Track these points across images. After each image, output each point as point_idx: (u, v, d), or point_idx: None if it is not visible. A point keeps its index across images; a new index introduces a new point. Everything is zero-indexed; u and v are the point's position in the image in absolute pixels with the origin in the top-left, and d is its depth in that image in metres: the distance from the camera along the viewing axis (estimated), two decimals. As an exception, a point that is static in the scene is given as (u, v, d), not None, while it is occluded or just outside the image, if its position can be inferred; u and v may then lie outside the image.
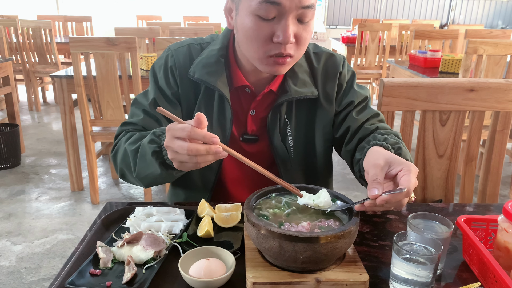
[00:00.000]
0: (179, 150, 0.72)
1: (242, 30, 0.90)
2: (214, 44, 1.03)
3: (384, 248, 0.85)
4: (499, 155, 1.29)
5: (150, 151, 0.85)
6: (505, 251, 0.73)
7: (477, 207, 1.10)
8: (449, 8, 8.09)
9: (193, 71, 1.00)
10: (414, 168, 0.76)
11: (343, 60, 1.10)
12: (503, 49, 2.51)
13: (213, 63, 0.99)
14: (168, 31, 3.74)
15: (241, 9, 0.89)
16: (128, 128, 1.03)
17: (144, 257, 0.75)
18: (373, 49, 4.65)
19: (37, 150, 3.66)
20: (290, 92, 1.00)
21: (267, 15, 0.84)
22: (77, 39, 2.39)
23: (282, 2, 0.82)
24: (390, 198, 0.71)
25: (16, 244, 2.27)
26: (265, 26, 0.86)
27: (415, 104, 1.24)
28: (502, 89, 1.22)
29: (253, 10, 0.85)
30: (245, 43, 0.91)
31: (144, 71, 2.79)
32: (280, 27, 0.85)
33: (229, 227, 0.88)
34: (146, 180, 0.93)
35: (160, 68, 1.05)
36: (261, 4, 0.83)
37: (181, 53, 1.04)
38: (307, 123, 1.07)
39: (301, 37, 0.89)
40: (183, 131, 0.71)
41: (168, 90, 1.03)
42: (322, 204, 0.77)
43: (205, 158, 0.73)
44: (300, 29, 0.88)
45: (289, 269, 0.71)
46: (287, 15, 0.84)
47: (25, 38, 4.43)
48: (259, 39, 0.87)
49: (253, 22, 0.86)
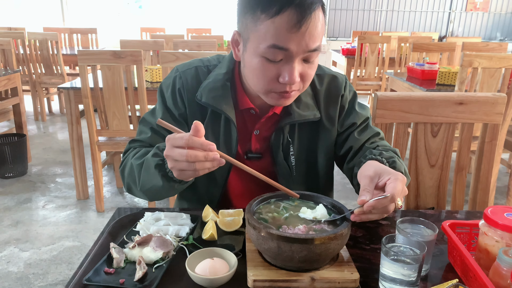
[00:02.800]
0: (179, 158, 0.76)
1: (249, 68, 0.94)
2: (221, 68, 1.07)
3: (376, 251, 0.91)
4: (488, 165, 1.35)
5: (153, 164, 0.89)
6: (485, 252, 0.80)
7: (467, 214, 1.17)
8: (448, 20, 8.21)
9: (200, 95, 1.03)
10: (401, 176, 0.82)
11: (345, 81, 1.14)
12: (498, 62, 2.59)
13: (219, 87, 1.03)
14: (172, 43, 3.84)
15: (249, 48, 0.92)
16: (135, 145, 1.08)
17: (154, 257, 0.82)
18: (373, 61, 4.74)
19: (43, 159, 3.74)
20: (293, 115, 1.04)
21: (274, 58, 0.88)
22: (85, 52, 2.48)
23: (289, 48, 0.86)
24: (376, 204, 0.78)
25: (24, 251, 2.33)
26: (271, 67, 0.89)
27: (408, 116, 1.31)
28: (489, 102, 1.29)
29: (260, 52, 0.88)
30: (251, 79, 0.96)
31: (149, 83, 2.88)
32: (286, 69, 0.89)
33: (232, 231, 0.95)
34: (150, 192, 0.97)
35: (168, 88, 1.08)
36: (268, 48, 0.86)
37: (188, 75, 1.07)
38: (310, 144, 1.11)
39: (306, 74, 0.93)
40: (182, 140, 0.76)
41: (175, 110, 1.07)
42: (319, 217, 0.83)
43: (203, 164, 0.77)
44: (305, 67, 0.92)
45: (286, 268, 0.78)
46: (293, 58, 0.88)
47: (32, 50, 4.54)
48: (265, 78, 0.91)
49: (260, 63, 0.90)
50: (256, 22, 0.87)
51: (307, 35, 0.86)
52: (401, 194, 0.81)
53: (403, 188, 0.81)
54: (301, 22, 0.84)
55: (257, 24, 0.87)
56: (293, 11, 0.84)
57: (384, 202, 0.78)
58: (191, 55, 2.57)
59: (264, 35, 0.86)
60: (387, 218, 1.08)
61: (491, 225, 0.78)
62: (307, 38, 0.86)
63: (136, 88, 2.58)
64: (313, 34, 0.86)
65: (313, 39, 0.87)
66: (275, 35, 0.85)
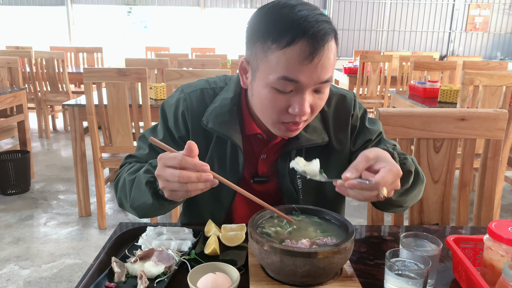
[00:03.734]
0: (170, 178, 0.74)
1: (257, 97, 0.91)
2: (227, 91, 1.03)
3: (379, 266, 0.90)
4: (492, 181, 1.35)
5: (144, 181, 0.87)
6: (491, 267, 0.79)
7: (472, 229, 1.16)
8: (448, 40, 8.30)
9: (206, 120, 1.00)
10: (396, 168, 0.79)
11: (353, 99, 1.09)
12: (498, 80, 2.60)
13: (226, 113, 0.99)
14: (176, 62, 3.89)
15: (258, 78, 0.89)
16: (131, 160, 1.07)
17: (156, 272, 0.81)
18: (375, 80, 4.77)
19: (46, 176, 3.75)
20: (301, 139, 1.01)
21: (284, 89, 0.85)
22: (90, 69, 2.51)
23: (300, 80, 0.83)
24: (356, 185, 0.76)
25: (24, 268, 2.31)
26: (281, 98, 0.87)
27: (410, 132, 1.31)
28: (491, 118, 1.30)
29: (270, 83, 0.85)
30: (259, 108, 0.93)
31: (153, 100, 2.90)
32: (296, 100, 0.86)
33: (234, 246, 0.94)
34: (139, 210, 0.95)
35: (170, 108, 1.05)
36: (279, 80, 0.84)
37: (194, 97, 1.04)
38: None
39: (316, 105, 0.90)
40: (174, 160, 0.73)
41: (176, 132, 1.04)
42: (309, 172, 0.82)
43: (196, 186, 0.75)
44: (316, 98, 0.89)
45: (289, 283, 0.77)
46: (304, 90, 0.85)
47: (38, 68, 4.60)
48: (275, 109, 0.88)
49: (270, 93, 0.87)
50: (266, 52, 0.84)
51: (319, 67, 0.83)
52: (390, 186, 0.79)
53: (393, 180, 0.78)
54: (313, 54, 0.81)
55: (268, 55, 0.84)
56: (305, 42, 0.81)
57: (364, 187, 0.77)
58: (196, 73, 2.59)
59: (274, 66, 0.83)
60: (390, 233, 1.07)
61: (496, 239, 0.77)
62: (319, 70, 0.83)
63: (140, 105, 2.60)
64: (326, 65, 0.84)
65: (325, 70, 0.84)
66: (286, 67, 0.82)
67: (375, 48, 8.25)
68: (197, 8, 8.14)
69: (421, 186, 1.00)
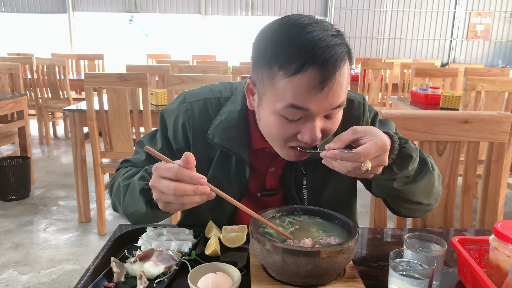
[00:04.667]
0: (165, 190, 0.71)
1: (264, 123, 0.85)
2: (234, 102, 0.97)
3: (383, 268, 0.89)
4: (496, 185, 1.33)
5: (138, 188, 0.84)
6: (497, 268, 0.77)
7: (476, 232, 1.14)
8: (449, 48, 8.33)
9: (212, 135, 0.95)
10: (382, 142, 0.76)
11: (362, 103, 1.03)
12: (501, 86, 2.60)
13: (234, 128, 0.94)
14: (177, 69, 3.90)
15: (264, 104, 0.83)
16: (127, 165, 1.04)
17: (155, 272, 0.80)
18: (376, 87, 4.77)
19: (46, 182, 3.73)
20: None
21: (292, 117, 0.80)
22: (91, 74, 2.51)
23: (310, 108, 0.77)
24: (337, 154, 0.75)
25: (23, 274, 2.29)
26: (290, 126, 0.81)
27: (413, 134, 1.30)
28: (495, 121, 1.29)
29: (277, 111, 0.80)
30: (267, 134, 0.88)
31: (154, 106, 2.90)
32: (306, 128, 0.80)
33: (235, 247, 0.93)
34: (132, 217, 0.93)
35: (171, 117, 1.00)
36: (286, 108, 0.78)
37: (196, 108, 0.98)
38: (325, 177, 1.03)
39: (328, 130, 0.84)
40: (170, 171, 0.70)
41: (174, 144, 1.00)
42: None
43: (191, 199, 0.72)
44: (327, 123, 0.83)
45: (291, 283, 0.75)
46: (314, 117, 0.79)
47: (39, 75, 4.61)
48: (284, 136, 0.83)
49: (277, 121, 0.81)
50: (273, 78, 0.78)
51: (330, 95, 0.76)
52: (375, 161, 0.76)
53: (378, 154, 0.76)
54: (323, 83, 0.74)
55: (274, 82, 0.78)
56: (315, 70, 0.74)
57: (345, 157, 0.75)
58: (197, 79, 2.59)
59: (281, 94, 0.77)
60: (394, 235, 1.06)
61: (502, 239, 0.76)
62: (329, 99, 0.77)
63: (141, 111, 2.59)
64: (337, 92, 0.77)
65: (337, 97, 0.78)
66: (294, 95, 0.76)
67: (376, 55, 8.28)
68: (198, 15, 8.19)
69: (431, 177, 0.93)
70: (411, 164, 0.85)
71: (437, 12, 8.22)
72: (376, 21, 8.20)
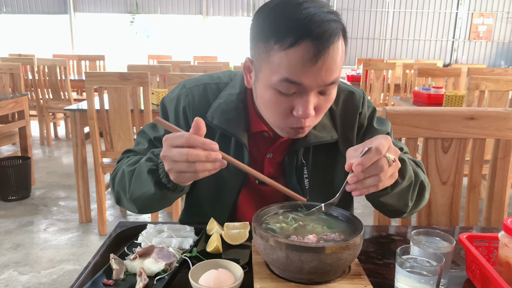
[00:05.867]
0: (178, 157, 0.70)
1: (261, 99, 0.88)
2: (233, 87, 1.00)
3: (389, 266, 0.86)
4: (502, 183, 1.31)
5: (146, 169, 0.83)
6: (507, 266, 0.75)
7: (483, 230, 1.12)
8: (452, 48, 8.30)
9: (211, 117, 0.96)
10: (381, 136, 0.76)
11: (362, 97, 1.05)
12: (505, 85, 2.58)
13: (233, 110, 0.96)
14: (178, 69, 3.88)
15: (260, 79, 0.85)
16: (129, 155, 1.03)
17: (156, 269, 0.78)
18: (378, 87, 4.75)
19: (47, 182, 3.72)
20: (309, 137, 0.97)
21: (287, 91, 0.81)
22: (92, 73, 2.50)
23: (303, 83, 0.79)
24: (363, 161, 0.71)
25: (23, 274, 2.27)
26: (284, 101, 0.83)
27: (418, 131, 1.28)
28: (501, 117, 1.27)
29: (273, 84, 0.82)
30: (264, 110, 0.90)
31: (155, 105, 2.88)
32: (300, 103, 0.82)
33: (237, 245, 0.91)
34: (139, 201, 0.90)
35: (171, 104, 1.02)
36: (281, 82, 0.80)
37: (196, 93, 1.00)
38: (326, 166, 1.03)
39: (321, 107, 0.86)
40: (181, 138, 0.70)
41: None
42: None
43: (204, 165, 0.71)
44: (321, 100, 0.85)
45: (295, 280, 0.73)
46: (308, 92, 0.81)
47: (40, 75, 4.61)
48: (279, 112, 0.85)
49: (272, 95, 0.83)
50: (268, 52, 0.80)
51: (323, 69, 0.78)
52: (390, 150, 0.74)
53: (387, 143, 0.74)
54: (317, 56, 0.76)
55: (270, 55, 0.80)
56: (309, 44, 0.76)
57: (371, 157, 0.71)
58: (197, 77, 2.57)
59: (276, 68, 0.79)
60: (399, 233, 1.04)
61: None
62: (323, 73, 0.78)
63: (142, 110, 2.58)
64: (331, 68, 0.79)
65: (330, 72, 0.79)
66: (288, 69, 0.78)
67: (378, 56, 8.26)
68: (199, 16, 8.18)
69: (423, 191, 0.97)
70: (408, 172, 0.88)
71: (439, 12, 8.20)
72: (378, 22, 8.19)
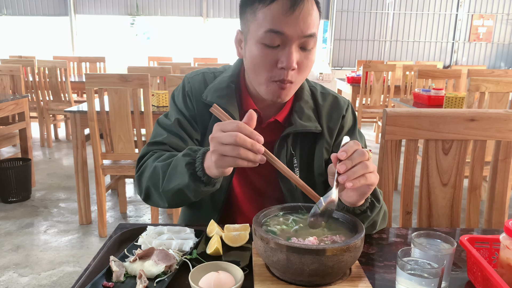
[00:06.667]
0: (226, 139, 0.75)
1: (250, 57, 0.98)
2: (226, 72, 1.12)
3: (390, 268, 0.86)
4: (503, 184, 1.31)
5: (183, 163, 0.89)
6: (508, 268, 0.75)
7: (484, 232, 1.12)
8: (452, 50, 8.30)
9: (205, 95, 1.08)
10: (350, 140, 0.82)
11: (348, 104, 1.16)
12: (505, 87, 2.58)
13: (224, 88, 1.07)
14: (179, 71, 3.88)
15: (249, 39, 0.97)
16: (154, 148, 1.08)
17: (156, 271, 0.78)
18: (378, 89, 4.75)
19: (47, 184, 3.72)
20: (295, 124, 1.06)
21: (272, 43, 0.93)
22: (93, 75, 2.50)
23: (285, 32, 0.91)
24: (346, 148, 0.77)
25: (23, 276, 2.27)
26: (270, 53, 0.94)
27: (418, 133, 1.28)
28: (502, 119, 1.26)
29: (259, 39, 0.93)
30: (252, 69, 0.99)
31: (155, 107, 2.88)
32: (284, 54, 0.93)
33: (237, 246, 0.90)
34: (171, 193, 0.95)
35: (178, 93, 1.14)
36: (266, 33, 0.92)
37: (196, 80, 1.13)
38: (309, 156, 1.11)
39: (303, 64, 0.96)
40: (233, 124, 0.76)
41: (187, 112, 1.10)
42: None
43: (246, 153, 0.75)
44: (302, 56, 0.95)
45: (296, 283, 0.73)
46: (290, 43, 0.92)
47: (41, 77, 4.61)
48: (265, 64, 0.95)
49: (259, 49, 0.94)
50: (254, 12, 0.94)
51: (301, 19, 0.91)
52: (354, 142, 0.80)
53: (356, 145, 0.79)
54: (294, 7, 0.90)
55: (256, 15, 0.93)
56: None
57: (352, 145, 0.78)
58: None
59: (261, 22, 0.92)
60: (400, 235, 1.03)
61: (514, 237, 0.73)
62: (301, 23, 0.91)
63: (142, 112, 2.58)
64: (307, 19, 0.91)
65: (307, 24, 0.92)
66: (271, 20, 0.91)
67: (378, 58, 8.25)
68: (199, 18, 8.19)
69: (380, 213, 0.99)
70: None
71: (439, 14, 8.20)
72: (378, 24, 8.19)
